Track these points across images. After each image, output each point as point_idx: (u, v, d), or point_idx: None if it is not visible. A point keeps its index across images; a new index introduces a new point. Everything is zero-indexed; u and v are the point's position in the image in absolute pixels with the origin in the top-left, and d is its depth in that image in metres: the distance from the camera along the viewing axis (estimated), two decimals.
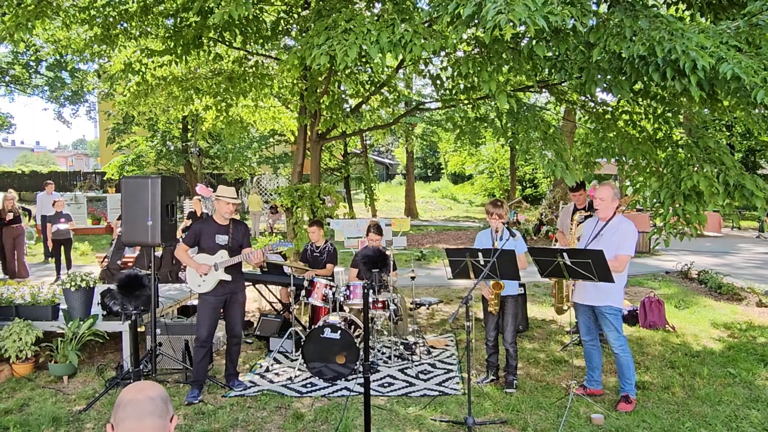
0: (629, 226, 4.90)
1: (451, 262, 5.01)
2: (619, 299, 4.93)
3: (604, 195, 4.92)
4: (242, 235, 5.48)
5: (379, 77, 9.74)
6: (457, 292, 10.16)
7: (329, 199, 11.28)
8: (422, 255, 14.66)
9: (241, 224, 5.56)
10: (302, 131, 9.23)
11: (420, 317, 8.33)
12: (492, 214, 5.32)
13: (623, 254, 4.81)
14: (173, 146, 24.85)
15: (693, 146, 6.13)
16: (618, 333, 4.89)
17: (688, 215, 5.74)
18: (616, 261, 4.77)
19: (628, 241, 4.83)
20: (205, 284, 5.35)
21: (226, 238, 5.41)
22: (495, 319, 5.45)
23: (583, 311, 5.10)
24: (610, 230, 4.91)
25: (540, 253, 4.84)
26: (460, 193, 40.61)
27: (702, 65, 4.45)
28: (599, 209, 4.95)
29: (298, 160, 9.29)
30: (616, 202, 4.96)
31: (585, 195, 6.99)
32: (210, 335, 5.34)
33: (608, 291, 4.86)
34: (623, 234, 4.85)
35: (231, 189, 5.54)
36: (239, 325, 5.53)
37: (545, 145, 5.88)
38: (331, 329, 5.67)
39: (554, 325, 7.82)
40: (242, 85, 8.70)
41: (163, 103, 9.85)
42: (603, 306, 4.91)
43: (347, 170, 24.85)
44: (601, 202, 4.94)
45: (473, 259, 4.86)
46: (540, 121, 6.15)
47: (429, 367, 6.08)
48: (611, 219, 4.94)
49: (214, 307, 5.36)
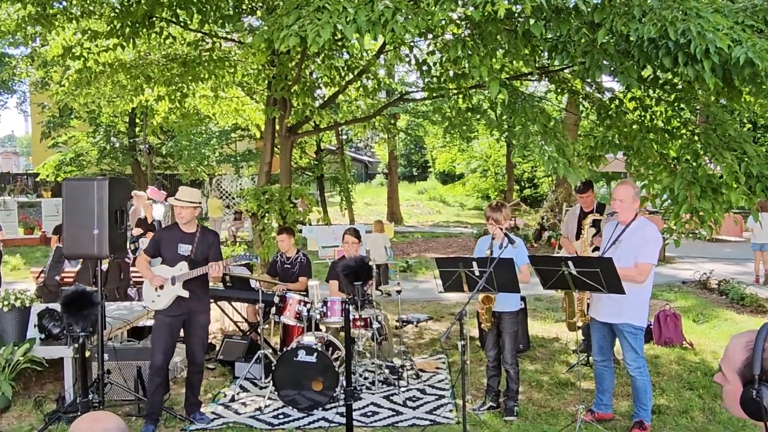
0: (652, 230, 4.92)
1: (442, 273, 5.05)
2: (640, 316, 4.95)
3: (624, 195, 4.95)
4: (209, 246, 5.47)
5: (357, 63, 9.79)
6: (449, 307, 10.22)
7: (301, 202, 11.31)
8: (408, 266, 14.71)
9: (210, 233, 5.56)
10: (269, 125, 9.24)
11: (407, 336, 8.37)
12: (489, 219, 5.38)
13: (644, 262, 4.81)
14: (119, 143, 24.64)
15: (711, 134, 6.26)
16: (636, 354, 4.92)
17: (702, 213, 5.85)
18: (635, 270, 4.79)
19: (650, 246, 4.84)
20: (160, 300, 5.34)
21: (189, 248, 5.39)
22: (494, 337, 5.50)
23: (598, 328, 5.15)
24: (629, 235, 4.94)
25: (542, 262, 4.91)
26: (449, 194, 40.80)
27: (716, 48, 4.57)
28: (618, 211, 4.98)
29: (265, 159, 9.29)
30: (637, 203, 4.99)
31: (593, 197, 7.10)
32: (166, 361, 5.32)
33: (628, 306, 4.86)
34: (644, 239, 4.85)
35: (194, 191, 5.53)
36: (201, 350, 5.52)
37: (545, 139, 5.97)
38: (306, 351, 5.67)
39: (558, 343, 7.91)
40: (198, 70, 8.68)
41: (108, 93, 9.79)
42: (621, 323, 4.93)
43: (321, 169, 24.85)
44: (620, 203, 4.95)
45: (467, 270, 4.91)
46: (539, 113, 6.25)
47: (418, 393, 6.11)
48: (632, 222, 4.97)
49: (170, 329, 5.34)
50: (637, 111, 7.17)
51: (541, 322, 9.04)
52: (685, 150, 6.40)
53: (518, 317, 5.59)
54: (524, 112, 6.19)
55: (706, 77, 4.83)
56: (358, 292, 4.62)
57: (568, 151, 5.96)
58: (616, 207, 4.97)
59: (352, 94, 11.04)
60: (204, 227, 5.59)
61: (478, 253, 5.54)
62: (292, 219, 8.75)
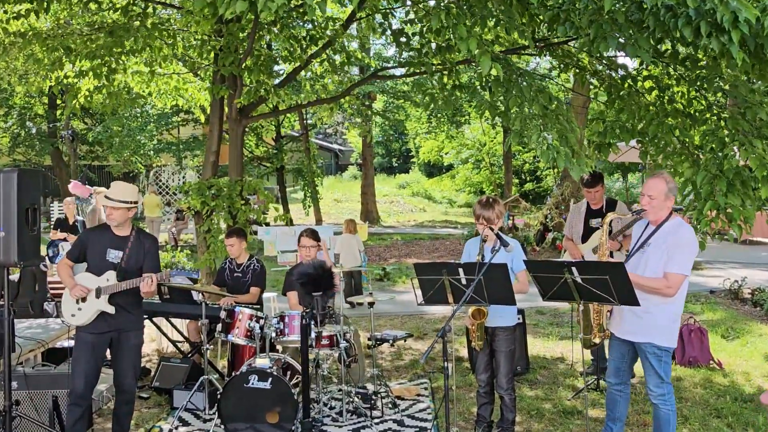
0: (687, 233, 4.88)
1: (422, 281, 5.06)
2: (669, 335, 4.95)
3: (655, 190, 4.92)
4: (145, 254, 5.45)
5: (322, 34, 9.78)
6: (434, 322, 10.25)
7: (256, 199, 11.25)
8: (385, 273, 14.72)
9: (147, 239, 5.53)
10: (217, 107, 9.20)
11: (382, 357, 8.39)
12: (479, 218, 5.40)
13: (675, 272, 4.78)
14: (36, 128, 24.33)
15: (739, 119, 6.34)
16: (661, 380, 4.92)
17: (730, 209, 5.92)
18: (664, 281, 4.79)
19: (683, 253, 4.81)
20: (81, 314, 5.29)
21: (120, 255, 5.37)
22: (487, 358, 5.53)
23: (617, 345, 5.16)
24: (660, 238, 4.92)
25: (540, 268, 4.92)
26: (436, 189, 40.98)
27: (745, 18, 4.62)
28: (648, 210, 4.95)
29: (211, 147, 9.24)
30: (672, 201, 4.95)
31: (602, 191, 7.16)
32: (88, 388, 5.27)
33: (655, 323, 4.86)
34: (676, 244, 4.83)
35: (130, 189, 5.47)
36: (131, 376, 5.49)
37: (545, 124, 6.00)
38: (259, 377, 5.64)
39: (563, 364, 7.98)
40: (129, 41, 8.60)
41: (20, 68, 9.66)
42: (645, 343, 4.93)
43: (281, 159, 24.78)
44: (649, 201, 4.92)
45: (452, 278, 4.93)
46: (538, 93, 6.28)
47: (395, 425, 6.11)
48: (664, 223, 4.95)
49: (94, 349, 5.30)
50: (653, 92, 7.24)
51: (544, 340, 9.12)
52: (709, 137, 6.46)
53: (515, 334, 5.61)
54: (520, 92, 6.21)
55: (733, 51, 4.85)
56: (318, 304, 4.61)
57: (572, 138, 6.00)
58: (644, 204, 4.95)
59: (316, 70, 11.00)
60: (140, 230, 5.55)
61: (466, 257, 5.55)
62: (245, 219, 8.70)
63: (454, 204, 39.26)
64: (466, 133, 35.93)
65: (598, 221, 7.15)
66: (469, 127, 35.40)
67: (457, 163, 38.65)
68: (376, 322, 7.81)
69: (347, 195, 36.49)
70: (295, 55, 9.73)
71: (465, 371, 7.58)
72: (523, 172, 37.10)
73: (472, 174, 37.53)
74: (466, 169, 37.76)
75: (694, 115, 6.91)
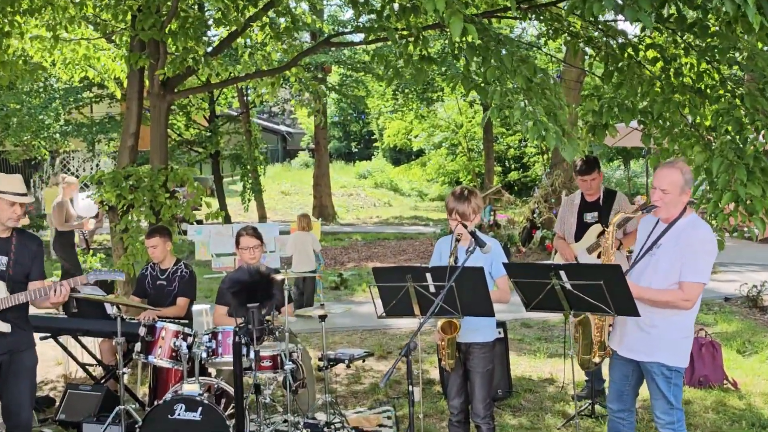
0: (705, 233, 4.89)
1: (383, 289, 5.08)
2: (680, 353, 4.99)
3: (670, 183, 4.89)
4: (31, 258, 5.41)
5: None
6: (399, 338, 10.29)
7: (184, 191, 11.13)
8: (341, 280, 14.71)
9: (30, 241, 5.50)
10: (136, 79, 9.13)
11: (337, 381, 8.39)
12: (452, 212, 5.41)
13: (691, 281, 4.79)
14: None
15: (758, 96, 6.43)
16: (670, 405, 4.96)
17: (750, 200, 5.97)
18: (680, 293, 4.81)
19: (700, 257, 4.81)
20: None
21: (5, 261, 5.31)
22: (460, 380, 5.55)
23: (619, 365, 5.20)
24: (673, 239, 4.92)
25: (523, 272, 4.96)
26: (404, 179, 41.03)
27: None
28: (659, 206, 4.93)
29: (129, 128, 9.16)
30: (687, 195, 4.93)
31: (599, 180, 7.22)
32: None
33: (664, 338, 4.92)
34: (691, 246, 4.83)
35: (15, 178, 5.42)
36: (28, 405, 5.42)
37: (529, 99, 6.04)
38: (187, 406, 5.62)
39: (552, 386, 8.04)
40: None
41: None
42: (652, 362, 4.97)
43: (216, 144, 24.54)
44: (662, 195, 4.90)
45: (418, 285, 4.94)
46: (521, 63, 6.31)
47: None
48: (677, 220, 4.96)
49: None
50: (658, 63, 7.30)
51: (530, 358, 9.18)
52: (724, 117, 6.53)
53: (494, 351, 5.62)
54: (499, 61, 6.22)
55: (749, 14, 4.88)
56: (253, 318, 4.59)
57: (562, 116, 6.03)
58: (656, 200, 4.92)
59: (257, 36, 10.94)
60: (21, 231, 5.48)
61: (437, 260, 5.57)
62: (170, 215, 8.65)
63: (424, 197, 39.38)
64: (439, 112, 36.00)
65: (594, 216, 7.22)
66: (442, 105, 35.46)
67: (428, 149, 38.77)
68: (329, 338, 7.79)
69: (297, 186, 36.39)
70: (230, 18, 9.65)
71: (436, 396, 7.61)
72: (507, 158, 37.30)
73: (447, 161, 37.64)
74: (440, 156, 37.86)
75: (705, 91, 6.99)
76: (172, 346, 6.23)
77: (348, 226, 26.55)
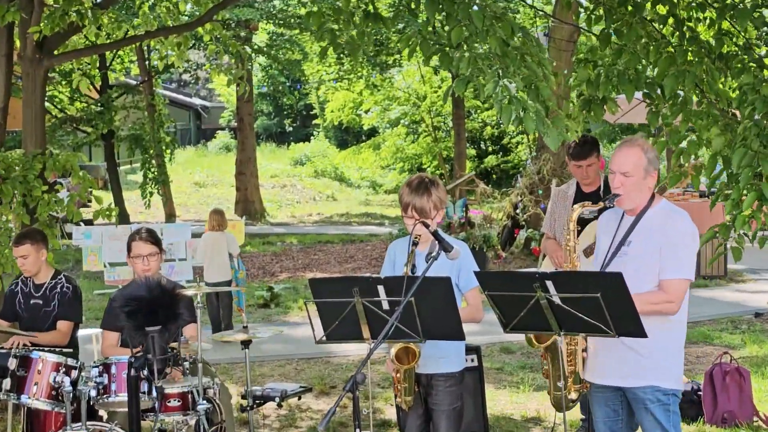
0: (682, 221, 5.00)
1: (323, 306, 5.03)
2: (673, 372, 5.05)
3: (630, 165, 4.97)
4: None
5: None
6: (344, 369, 10.30)
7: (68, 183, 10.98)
8: (272, 296, 14.63)
9: None
10: (3, 39, 9.08)
11: (265, 424, 8.34)
12: (407, 208, 5.34)
13: (672, 278, 4.90)
14: None
15: None
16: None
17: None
18: (663, 295, 4.87)
19: (683, 251, 4.92)
20: None
21: None
22: (420, 421, 5.52)
23: (602, 399, 5.23)
24: (645, 233, 5.00)
25: (500, 283, 4.90)
26: (352, 166, 41.09)
27: None
28: (622, 193, 4.99)
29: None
30: (654, 177, 5.05)
31: (598, 166, 7.21)
32: None
33: (651, 356, 4.92)
34: (670, 239, 4.93)
35: None
36: None
37: (505, 67, 5.97)
38: None
39: (539, 426, 8.09)
40: None
41: None
42: (641, 387, 4.99)
43: (109, 122, 24.29)
44: (623, 180, 4.98)
45: (367, 300, 4.87)
46: (495, 21, 6.25)
47: None
48: (646, 210, 5.04)
49: None
50: (669, 20, 7.30)
51: (511, 392, 9.21)
52: (748, 95, 6.53)
53: (463, 384, 5.62)
54: (467, 18, 6.17)
55: None
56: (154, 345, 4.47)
57: (545, 90, 5.98)
58: (617, 186, 5.00)
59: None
60: None
61: (389, 269, 5.53)
62: (46, 214, 8.57)
63: (378, 189, 39.60)
64: (397, 80, 35.96)
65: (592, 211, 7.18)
66: (400, 71, 35.42)
67: (383, 127, 38.82)
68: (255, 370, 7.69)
69: (215, 176, 36.46)
70: None
71: None
72: (483, 139, 37.60)
73: (406, 143, 37.77)
74: (397, 136, 37.94)
75: (725, 57, 6.99)
76: (51, 383, 6.12)
77: (281, 227, 26.63)
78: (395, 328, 4.71)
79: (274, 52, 29.66)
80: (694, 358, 10.02)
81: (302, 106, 50.67)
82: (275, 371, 10.12)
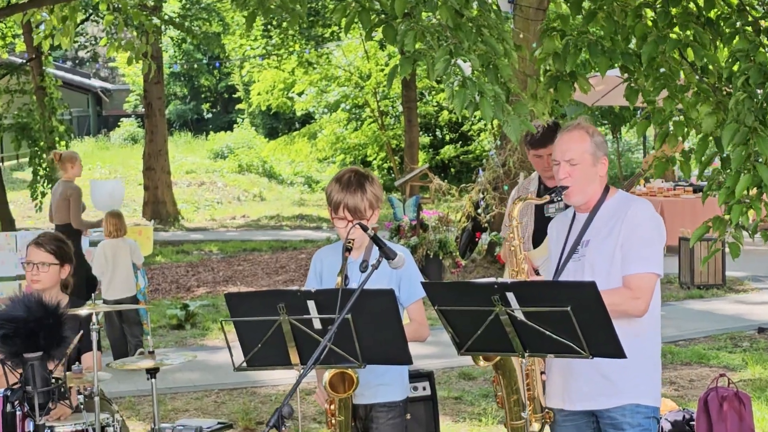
0: (643, 210, 5.13)
1: (242, 326, 5.03)
2: (652, 387, 5.13)
3: (573, 150, 5.08)
4: None
5: None
6: (272, 400, 10.27)
7: None
8: (186, 315, 14.57)
9: None
10: None
11: None
12: (338, 208, 5.38)
13: (637, 273, 4.99)
14: None
15: None
16: None
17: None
18: (627, 292, 4.96)
19: (647, 243, 5.02)
20: None
21: None
22: None
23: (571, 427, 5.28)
24: (602, 229, 5.11)
25: (451, 295, 4.97)
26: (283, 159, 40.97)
27: None
28: (570, 185, 5.05)
29: None
30: (604, 164, 5.14)
31: None
32: None
33: (621, 371, 4.97)
34: (632, 231, 5.02)
35: None
36: None
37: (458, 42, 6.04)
38: None
39: None
40: None
41: None
42: (613, 408, 5.06)
43: None
44: (570, 170, 5.06)
45: (295, 318, 4.89)
46: None
47: None
48: (601, 204, 5.14)
49: None
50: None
51: (472, 425, 9.26)
52: (741, 63, 6.61)
53: (404, 416, 5.61)
54: None
55: None
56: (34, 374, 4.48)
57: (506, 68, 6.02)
58: (563, 177, 5.08)
59: None
60: None
61: (314, 281, 5.59)
62: None
63: (315, 186, 39.46)
64: (335, 56, 35.88)
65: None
66: (339, 46, 35.36)
67: (320, 113, 38.77)
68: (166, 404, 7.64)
69: (118, 172, 36.31)
70: None
71: None
72: (439, 125, 37.58)
73: (348, 131, 37.68)
74: (337, 123, 37.86)
75: (713, 22, 7.08)
76: None
77: (198, 232, 26.54)
78: (329, 350, 4.70)
79: (187, 24, 29.56)
80: (687, 381, 10.09)
81: (223, 88, 50.47)
82: (191, 405, 10.07)
